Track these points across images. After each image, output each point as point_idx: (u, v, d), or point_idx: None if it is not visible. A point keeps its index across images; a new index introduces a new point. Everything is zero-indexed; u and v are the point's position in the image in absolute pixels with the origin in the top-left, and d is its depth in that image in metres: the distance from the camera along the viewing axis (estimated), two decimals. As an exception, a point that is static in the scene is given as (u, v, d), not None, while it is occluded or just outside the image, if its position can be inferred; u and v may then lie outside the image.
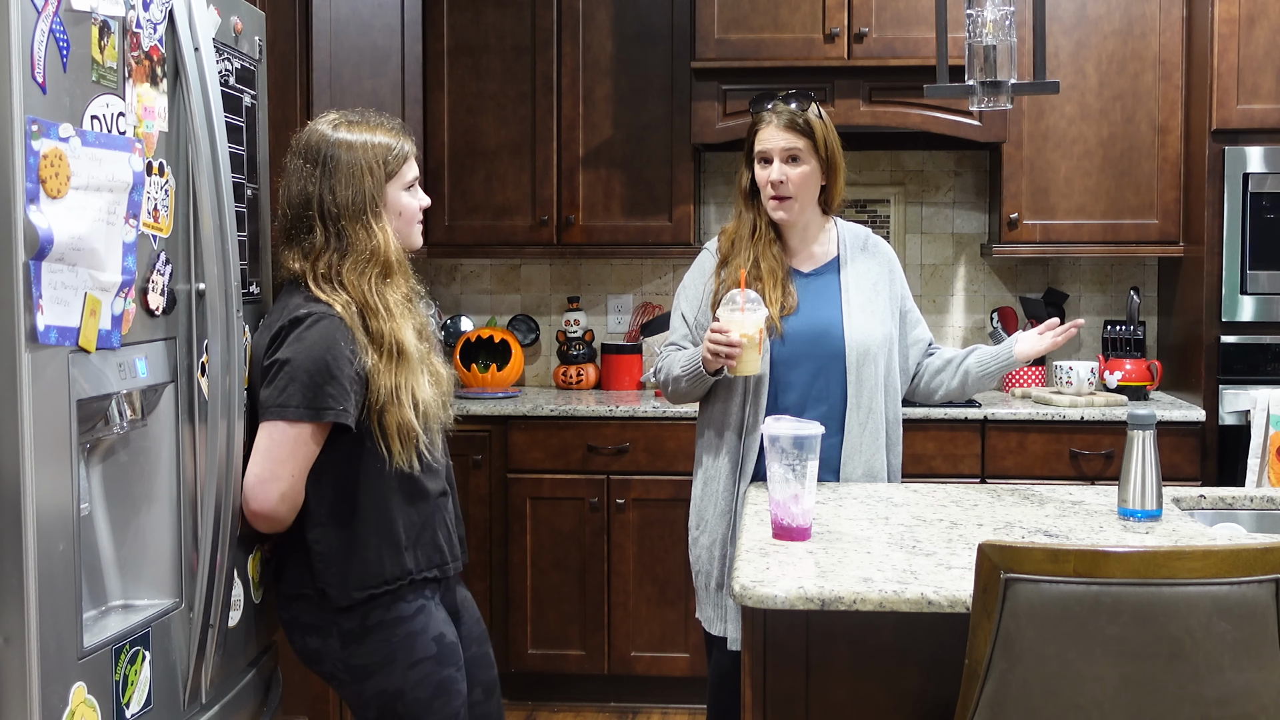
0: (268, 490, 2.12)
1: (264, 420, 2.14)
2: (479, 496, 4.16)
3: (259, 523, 2.16)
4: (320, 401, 2.12)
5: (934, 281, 4.66)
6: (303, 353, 2.13)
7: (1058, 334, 2.69)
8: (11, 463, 1.57)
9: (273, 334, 2.18)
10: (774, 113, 2.75)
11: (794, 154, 2.73)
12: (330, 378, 2.13)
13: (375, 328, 2.20)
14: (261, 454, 2.13)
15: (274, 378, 2.14)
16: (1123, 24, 4.20)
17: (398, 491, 2.24)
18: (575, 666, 4.18)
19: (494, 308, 4.81)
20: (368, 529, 2.21)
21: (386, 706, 2.25)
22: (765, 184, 2.75)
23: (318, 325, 2.15)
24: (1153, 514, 2.33)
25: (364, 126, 2.28)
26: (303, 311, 2.17)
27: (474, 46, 4.42)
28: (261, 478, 2.12)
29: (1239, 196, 3.97)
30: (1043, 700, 1.64)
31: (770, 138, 2.74)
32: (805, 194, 2.75)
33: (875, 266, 2.85)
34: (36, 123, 1.57)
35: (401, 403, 2.20)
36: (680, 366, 2.76)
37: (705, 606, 2.82)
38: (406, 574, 2.24)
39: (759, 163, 2.77)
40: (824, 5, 4.14)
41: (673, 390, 2.81)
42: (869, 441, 2.75)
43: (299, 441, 2.13)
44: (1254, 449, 3.89)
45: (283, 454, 2.13)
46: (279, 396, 2.13)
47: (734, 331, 2.56)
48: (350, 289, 2.21)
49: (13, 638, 1.58)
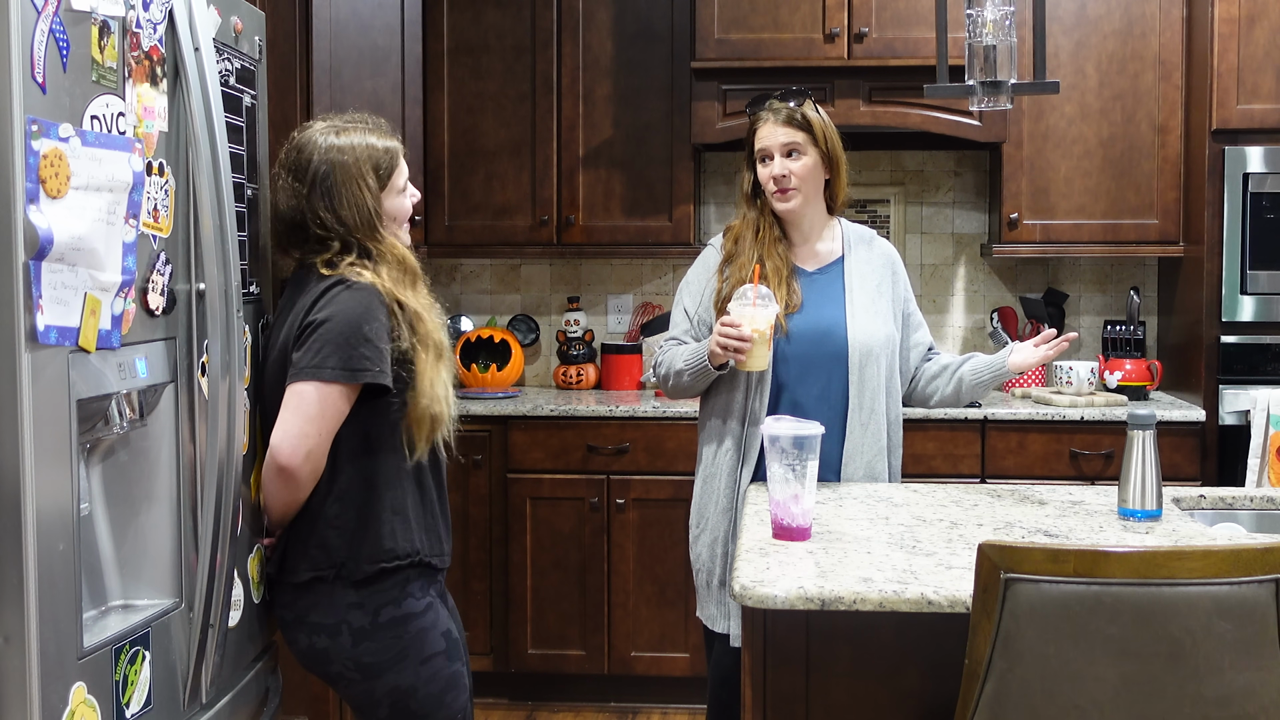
0: (295, 446, 2.14)
1: (295, 381, 2.16)
2: (479, 496, 4.16)
3: (281, 482, 2.17)
4: (354, 363, 2.15)
5: (934, 281, 4.66)
6: (338, 314, 2.16)
7: (1050, 347, 2.69)
8: (11, 463, 1.57)
9: (311, 300, 2.19)
10: (771, 111, 2.76)
11: (793, 148, 2.74)
12: (364, 339, 2.16)
13: (410, 313, 2.24)
14: (290, 410, 2.15)
15: (307, 339, 2.16)
16: (1123, 24, 4.20)
17: (411, 477, 2.28)
18: (575, 666, 4.18)
19: (494, 308, 4.81)
20: (382, 505, 2.24)
21: (399, 704, 2.27)
22: (768, 181, 2.76)
23: (352, 289, 2.19)
24: (1153, 514, 2.33)
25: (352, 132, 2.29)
26: (333, 279, 2.20)
27: (474, 46, 4.42)
28: (289, 433, 2.15)
29: (1239, 196, 3.97)
30: (1043, 700, 1.65)
31: (769, 135, 2.76)
32: (809, 185, 2.76)
33: (879, 267, 2.85)
34: (36, 123, 1.57)
35: (436, 395, 2.25)
36: (683, 360, 2.76)
37: (707, 604, 2.82)
38: (416, 552, 2.27)
39: (760, 161, 2.78)
40: (824, 5, 4.14)
41: (673, 385, 2.81)
42: (870, 442, 2.75)
43: (329, 401, 2.16)
44: (1254, 449, 3.89)
45: (312, 412, 2.15)
46: (312, 358, 2.15)
47: (745, 326, 2.57)
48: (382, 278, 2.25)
49: (13, 638, 1.58)
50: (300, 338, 2.18)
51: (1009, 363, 2.74)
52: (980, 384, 2.79)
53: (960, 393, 2.82)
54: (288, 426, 2.15)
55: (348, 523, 2.22)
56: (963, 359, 2.83)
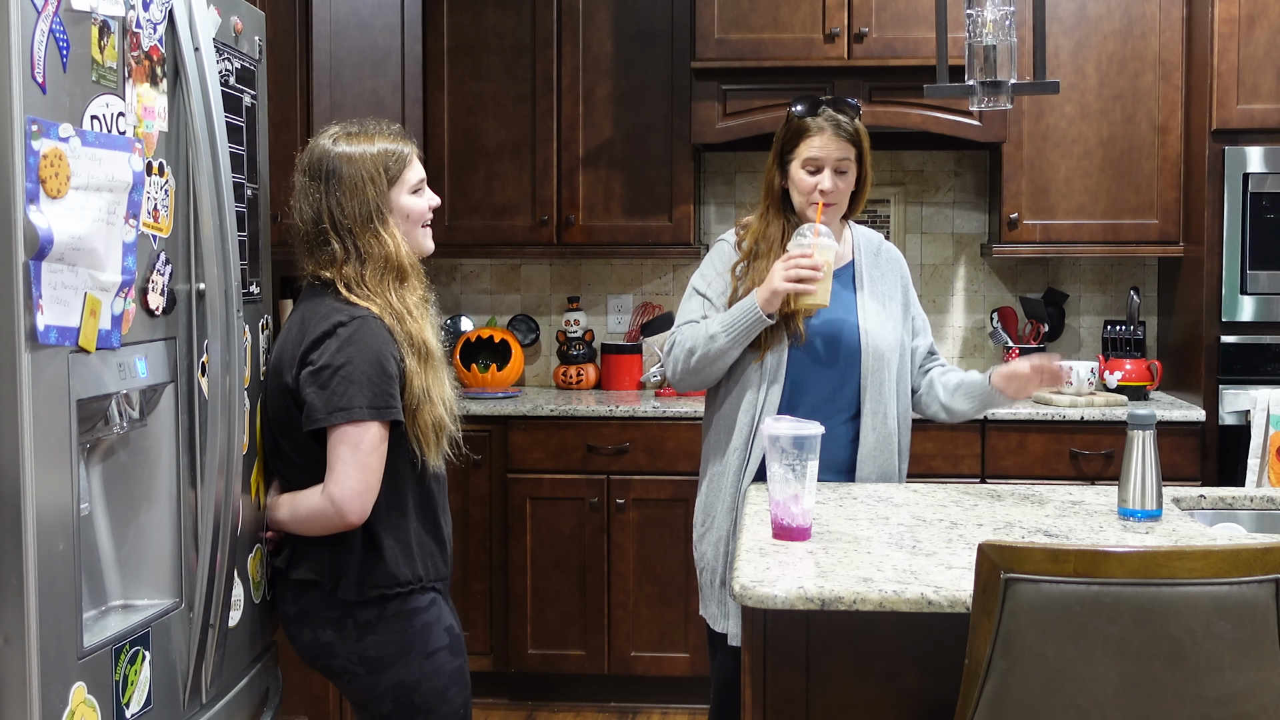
0: (365, 501, 2.16)
1: (332, 425, 2.15)
2: (479, 496, 4.16)
3: (338, 525, 2.18)
4: (381, 401, 2.16)
5: (934, 281, 4.66)
6: (357, 355, 2.15)
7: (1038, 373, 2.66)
8: (11, 463, 1.57)
9: (315, 338, 2.19)
10: (828, 120, 2.70)
11: (845, 165, 2.71)
12: (387, 377, 2.17)
13: (406, 329, 2.24)
14: (350, 464, 2.14)
15: (328, 382, 2.15)
16: (1123, 24, 4.20)
17: (415, 500, 2.29)
18: (575, 666, 4.18)
19: (494, 308, 4.81)
20: (385, 531, 2.24)
21: (403, 698, 2.28)
22: (811, 190, 2.71)
23: (363, 328, 2.18)
24: (1153, 514, 2.33)
25: (362, 137, 2.30)
26: (342, 316, 2.19)
27: (474, 46, 4.42)
28: (358, 490, 2.15)
29: (1239, 196, 3.97)
30: (1043, 700, 1.65)
31: (824, 146, 2.69)
32: (845, 201, 2.76)
33: (889, 272, 2.85)
34: (36, 123, 1.57)
35: (433, 401, 2.25)
36: (719, 324, 2.68)
37: (709, 603, 2.81)
38: (418, 579, 2.28)
39: (805, 169, 2.72)
40: (824, 5, 4.14)
41: (699, 358, 2.71)
42: (883, 445, 2.75)
43: (373, 441, 2.16)
44: (1254, 449, 3.89)
45: (371, 461, 2.15)
46: (341, 400, 2.14)
47: (817, 255, 2.57)
48: (377, 295, 2.24)
49: (13, 638, 1.58)
50: (318, 373, 2.16)
51: (992, 380, 2.69)
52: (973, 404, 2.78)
53: (952, 413, 2.81)
54: (356, 483, 2.14)
55: (352, 544, 2.23)
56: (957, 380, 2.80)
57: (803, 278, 2.58)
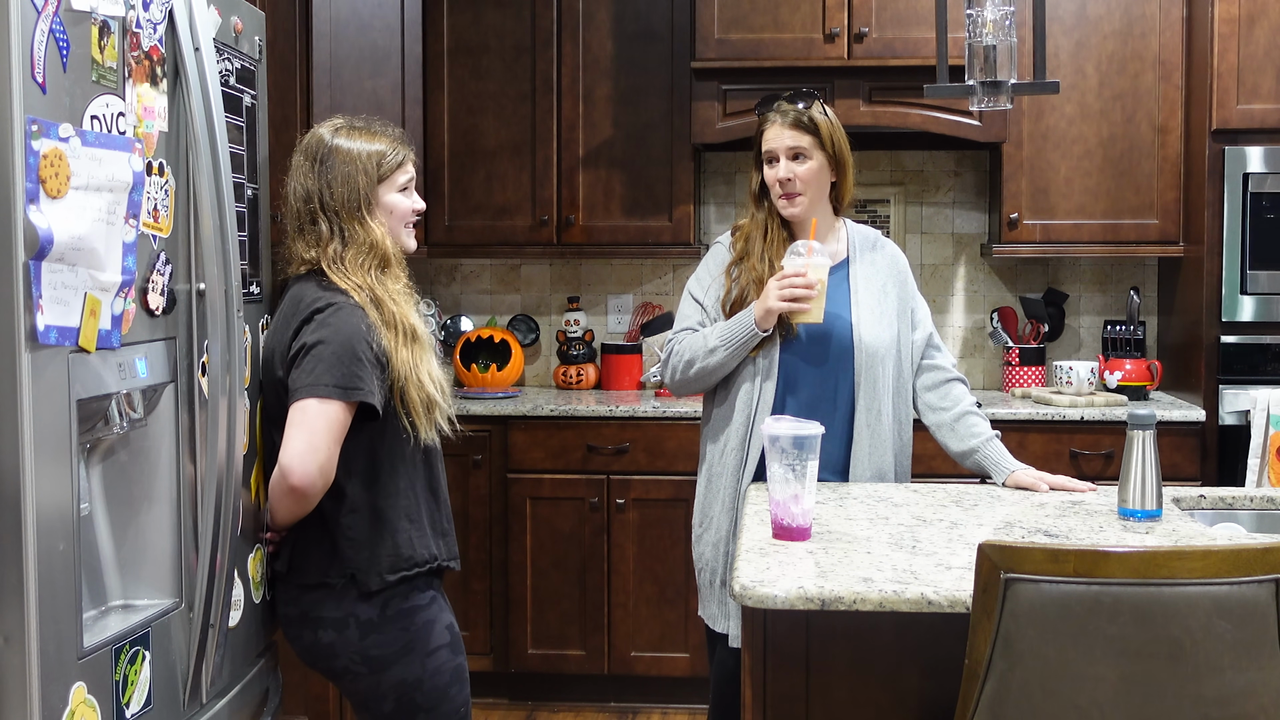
0: (307, 463, 2.15)
1: (295, 400, 2.18)
2: (479, 496, 4.16)
3: (293, 500, 2.18)
4: (348, 381, 2.17)
5: (934, 281, 4.66)
6: (329, 336, 2.19)
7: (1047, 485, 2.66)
8: (11, 463, 1.57)
9: (296, 326, 2.23)
10: (778, 113, 2.76)
11: (799, 151, 2.73)
12: (356, 359, 2.19)
13: (387, 311, 2.27)
14: (297, 428, 2.16)
15: (302, 360, 2.19)
16: (1123, 24, 4.20)
17: (422, 480, 2.32)
18: (575, 666, 4.18)
19: (494, 308, 4.81)
20: (397, 514, 2.27)
21: (405, 696, 2.29)
22: (774, 183, 2.76)
23: (339, 312, 2.21)
24: (1153, 514, 2.33)
25: (365, 133, 2.36)
26: (322, 302, 2.23)
27: (474, 46, 4.42)
28: (300, 451, 2.15)
29: (1239, 196, 3.97)
30: (1043, 700, 1.65)
31: (775, 137, 2.75)
32: (814, 189, 2.76)
33: (885, 268, 2.85)
34: (36, 123, 1.57)
35: (420, 379, 2.27)
36: (717, 337, 2.72)
37: (709, 603, 2.81)
38: (434, 558, 2.31)
39: (766, 163, 2.78)
40: (824, 5, 4.14)
41: (698, 370, 2.76)
42: (877, 445, 2.75)
43: (331, 417, 2.17)
44: (1254, 449, 3.89)
45: (318, 426, 2.16)
46: (308, 377, 2.17)
47: (811, 274, 2.60)
48: (355, 275, 2.28)
49: (13, 638, 1.58)
50: (295, 357, 2.20)
51: (1009, 478, 2.70)
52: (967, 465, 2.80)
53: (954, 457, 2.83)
54: (299, 445, 2.15)
55: (361, 534, 2.25)
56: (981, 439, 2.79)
57: (797, 297, 2.62)
